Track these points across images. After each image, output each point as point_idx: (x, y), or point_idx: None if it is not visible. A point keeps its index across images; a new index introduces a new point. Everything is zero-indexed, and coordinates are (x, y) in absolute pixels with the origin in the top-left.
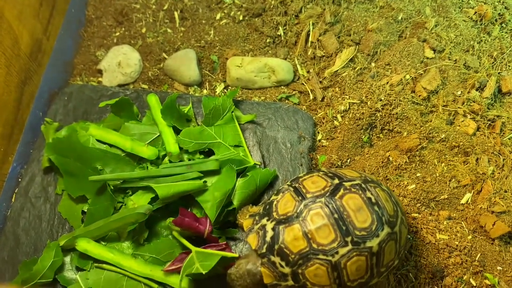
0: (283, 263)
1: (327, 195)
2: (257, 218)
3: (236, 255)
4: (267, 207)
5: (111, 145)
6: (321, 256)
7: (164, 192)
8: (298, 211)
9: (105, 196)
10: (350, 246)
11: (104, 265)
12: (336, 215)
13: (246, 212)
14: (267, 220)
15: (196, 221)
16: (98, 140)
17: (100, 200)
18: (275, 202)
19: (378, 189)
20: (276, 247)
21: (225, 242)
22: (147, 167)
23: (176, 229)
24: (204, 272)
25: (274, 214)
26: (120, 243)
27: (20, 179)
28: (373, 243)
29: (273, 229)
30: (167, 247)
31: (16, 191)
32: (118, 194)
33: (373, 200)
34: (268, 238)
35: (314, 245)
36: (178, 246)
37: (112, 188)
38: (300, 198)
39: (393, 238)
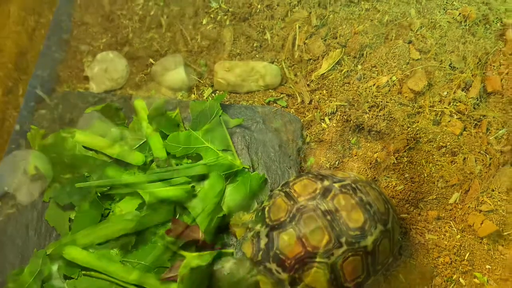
0: (279, 269)
1: (318, 197)
2: (250, 225)
3: (233, 251)
4: (259, 213)
5: (97, 152)
6: (317, 259)
7: (152, 198)
8: (291, 215)
9: (92, 203)
10: (345, 247)
11: (92, 273)
12: (329, 217)
13: (238, 219)
14: (261, 227)
15: (189, 230)
16: (84, 147)
17: (87, 207)
18: (267, 208)
19: (368, 188)
20: (271, 253)
21: (220, 247)
22: (134, 173)
23: (169, 239)
24: (203, 264)
25: (267, 220)
26: (108, 250)
27: (6, 187)
28: (368, 242)
29: (267, 235)
30: (155, 253)
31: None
32: (106, 201)
33: (364, 199)
34: (262, 245)
35: (309, 249)
36: (166, 252)
37: (99, 194)
38: (292, 202)
39: (387, 235)
